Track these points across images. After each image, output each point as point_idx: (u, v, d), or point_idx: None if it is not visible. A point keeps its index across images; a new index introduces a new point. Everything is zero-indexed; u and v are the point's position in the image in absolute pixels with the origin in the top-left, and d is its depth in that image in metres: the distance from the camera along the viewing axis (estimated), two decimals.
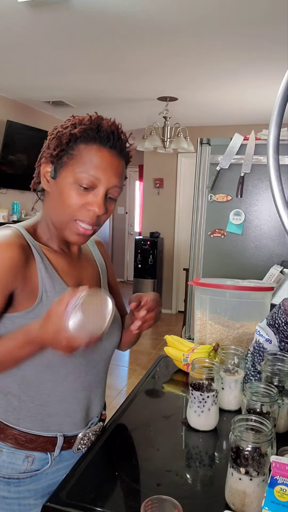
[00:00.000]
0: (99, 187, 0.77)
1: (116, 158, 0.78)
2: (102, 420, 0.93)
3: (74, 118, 0.81)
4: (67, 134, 0.77)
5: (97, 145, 0.76)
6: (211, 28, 2.38)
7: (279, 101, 0.55)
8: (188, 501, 0.63)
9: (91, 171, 0.76)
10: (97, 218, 0.79)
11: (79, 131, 0.77)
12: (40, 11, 2.23)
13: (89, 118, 0.79)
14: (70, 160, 0.77)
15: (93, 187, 0.77)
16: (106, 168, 0.77)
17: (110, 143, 0.77)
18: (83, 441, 0.86)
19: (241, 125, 4.62)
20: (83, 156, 0.76)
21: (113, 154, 0.78)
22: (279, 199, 0.56)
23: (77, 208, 0.77)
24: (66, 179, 0.77)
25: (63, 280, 0.83)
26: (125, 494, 0.68)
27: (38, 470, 0.82)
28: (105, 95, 3.95)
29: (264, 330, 0.99)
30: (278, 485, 0.55)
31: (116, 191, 0.80)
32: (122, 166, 0.80)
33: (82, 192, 0.76)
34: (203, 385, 0.84)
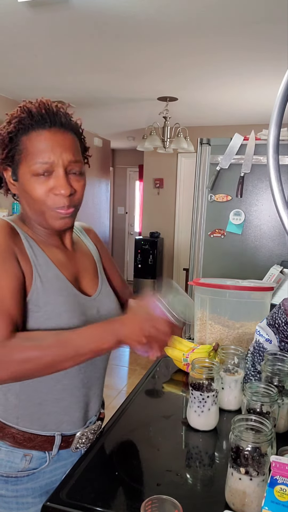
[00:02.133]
0: (56, 169, 0.75)
1: (60, 133, 0.76)
2: (100, 419, 0.92)
3: (7, 115, 0.80)
4: (6, 133, 0.77)
5: (36, 130, 0.75)
6: (211, 28, 2.38)
7: (279, 101, 0.55)
8: (188, 501, 0.63)
9: (41, 158, 0.74)
10: (70, 198, 0.77)
11: (14, 126, 0.76)
12: (40, 11, 2.23)
13: (18, 109, 0.78)
14: (20, 155, 0.76)
15: (51, 172, 0.75)
16: (53, 148, 0.75)
17: (48, 123, 0.75)
18: (82, 440, 0.86)
19: (241, 125, 4.62)
20: (28, 147, 0.75)
21: (55, 131, 0.76)
22: (279, 199, 0.56)
23: (45, 197, 0.76)
24: (24, 176, 0.76)
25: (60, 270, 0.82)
26: (125, 494, 0.68)
27: (36, 469, 0.82)
28: (105, 95, 3.94)
29: (264, 330, 0.99)
30: (278, 485, 0.55)
31: (76, 165, 0.78)
32: (70, 139, 0.78)
33: (43, 181, 0.75)
34: (203, 385, 0.84)
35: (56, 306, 0.77)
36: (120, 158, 7.31)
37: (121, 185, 7.38)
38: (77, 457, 0.85)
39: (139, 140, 4.55)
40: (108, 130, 5.55)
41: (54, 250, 0.84)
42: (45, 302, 0.77)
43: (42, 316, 0.76)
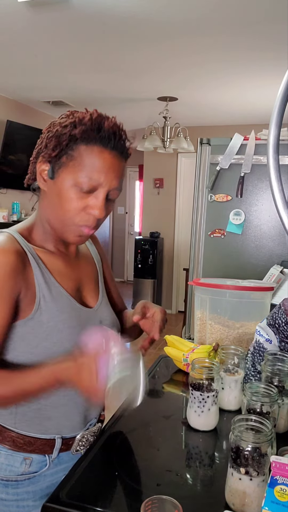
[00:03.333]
0: (100, 190, 0.74)
1: (118, 159, 0.76)
2: (100, 421, 0.92)
3: (73, 115, 0.77)
4: (67, 135, 0.73)
5: (98, 146, 0.73)
6: (211, 28, 2.38)
7: (279, 101, 0.55)
8: (188, 501, 0.63)
9: (94, 175, 0.73)
10: (97, 221, 0.77)
11: (80, 132, 0.73)
12: (40, 11, 2.23)
13: (90, 118, 0.75)
14: (70, 161, 0.73)
15: (94, 190, 0.74)
16: (108, 171, 0.74)
17: (111, 144, 0.74)
18: (82, 442, 0.85)
19: (241, 125, 4.62)
20: (84, 158, 0.73)
21: (115, 155, 0.75)
22: (279, 199, 0.56)
23: (78, 212, 0.75)
24: (65, 181, 0.74)
25: (60, 283, 0.81)
26: (125, 494, 0.68)
27: (36, 472, 0.81)
28: (105, 95, 3.95)
29: (264, 330, 0.99)
30: (278, 485, 0.55)
31: (116, 193, 0.78)
32: (123, 167, 0.78)
33: (82, 195, 0.74)
34: (203, 385, 0.84)
35: (58, 323, 0.77)
36: None
37: None
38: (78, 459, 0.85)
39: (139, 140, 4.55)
40: None
41: (58, 260, 0.83)
42: (48, 319, 0.76)
43: (44, 332, 0.76)
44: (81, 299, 0.85)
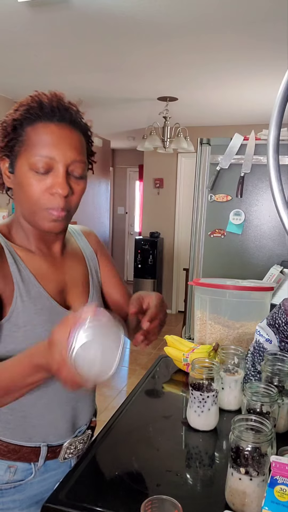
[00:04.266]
0: (57, 166, 0.69)
1: (68, 130, 0.71)
2: (91, 427, 0.88)
3: (16, 103, 0.75)
4: (10, 120, 0.71)
5: (43, 122, 0.70)
6: (211, 28, 2.37)
7: (279, 101, 0.55)
8: (188, 501, 0.63)
9: (43, 152, 0.68)
10: (65, 200, 0.71)
11: (21, 114, 0.70)
12: (39, 11, 2.23)
13: (28, 98, 0.73)
14: (22, 147, 0.70)
15: (50, 169, 0.69)
16: (58, 144, 0.69)
17: (57, 117, 0.70)
18: (70, 450, 0.82)
19: (241, 125, 4.62)
20: (32, 139, 0.69)
21: (63, 127, 0.70)
22: (279, 199, 0.56)
23: (41, 195, 0.70)
24: (22, 168, 0.70)
25: (41, 284, 0.76)
26: (125, 494, 0.68)
27: (22, 481, 0.78)
28: (105, 95, 3.94)
29: (264, 330, 0.99)
30: (278, 485, 0.55)
31: (78, 166, 0.72)
32: (78, 138, 0.72)
33: (41, 177, 0.69)
34: (203, 385, 0.84)
35: (35, 326, 0.72)
36: (120, 158, 7.31)
37: (121, 185, 7.38)
38: (67, 467, 0.83)
39: (139, 140, 4.55)
40: (108, 130, 5.55)
41: (39, 260, 0.78)
42: (24, 322, 0.72)
43: (21, 336, 0.71)
44: (65, 303, 0.80)
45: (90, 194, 5.30)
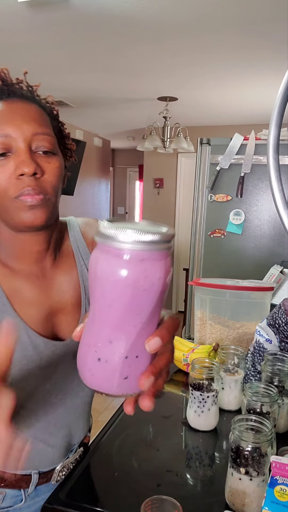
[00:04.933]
0: (16, 144, 0.59)
1: (21, 104, 0.62)
2: (84, 444, 0.81)
3: None
4: None
5: None
6: (211, 28, 2.37)
7: (279, 101, 0.55)
8: (188, 501, 0.63)
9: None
10: (36, 180, 0.59)
11: None
12: (39, 10, 2.23)
13: None
14: None
15: (9, 149, 0.59)
16: (11, 118, 0.59)
17: (5, 94, 0.62)
18: (62, 472, 0.76)
19: (241, 125, 4.62)
20: None
21: (13, 102, 0.62)
22: (279, 199, 0.56)
23: (7, 183, 0.59)
24: None
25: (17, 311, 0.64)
26: (125, 495, 0.68)
27: (11, 507, 0.72)
28: (105, 95, 3.94)
29: (264, 330, 0.99)
30: (278, 485, 0.55)
31: (44, 139, 0.61)
32: (34, 110, 0.63)
33: (2, 162, 0.59)
34: (203, 385, 0.84)
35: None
36: (120, 158, 7.31)
37: (121, 185, 7.38)
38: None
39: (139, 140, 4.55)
40: (108, 130, 5.55)
41: (19, 279, 0.66)
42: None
43: None
44: (52, 330, 0.69)
45: (90, 194, 5.30)
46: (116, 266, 0.33)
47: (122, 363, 0.35)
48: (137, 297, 0.33)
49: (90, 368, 0.37)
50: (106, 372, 0.36)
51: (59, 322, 0.70)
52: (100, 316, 0.35)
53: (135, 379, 0.36)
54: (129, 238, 0.32)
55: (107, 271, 0.33)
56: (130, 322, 0.34)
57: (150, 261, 0.33)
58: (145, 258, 0.33)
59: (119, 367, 0.35)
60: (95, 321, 0.36)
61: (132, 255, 0.33)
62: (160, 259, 0.34)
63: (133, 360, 0.36)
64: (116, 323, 0.35)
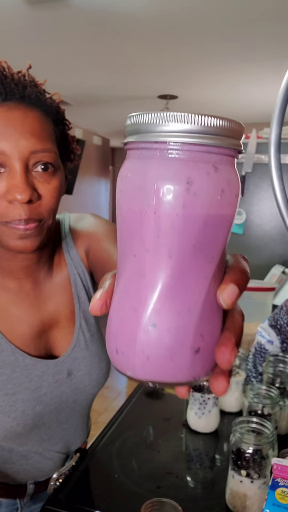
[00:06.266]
0: (11, 163, 0.50)
1: (20, 111, 0.52)
2: (80, 449, 0.78)
3: None
4: None
5: None
6: (212, 27, 2.37)
7: (281, 99, 0.55)
8: (188, 503, 0.63)
9: None
10: (29, 208, 0.51)
11: None
12: (39, 8, 2.22)
13: None
14: None
15: (3, 166, 0.51)
16: (6, 132, 0.50)
17: (2, 95, 0.52)
18: (58, 481, 0.73)
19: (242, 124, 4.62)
20: None
21: (13, 107, 0.51)
22: (280, 198, 0.55)
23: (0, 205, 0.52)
24: None
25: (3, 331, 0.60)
26: (125, 497, 0.67)
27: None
28: (105, 94, 3.94)
29: (265, 331, 0.99)
30: (279, 488, 0.54)
31: (43, 156, 0.52)
32: (34, 118, 0.53)
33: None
34: (204, 386, 0.84)
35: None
36: (119, 157, 7.31)
37: None
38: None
39: None
40: (107, 129, 5.55)
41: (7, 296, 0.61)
42: None
43: None
44: (46, 347, 0.66)
45: (90, 193, 5.29)
46: (178, 174, 0.21)
47: (194, 330, 0.23)
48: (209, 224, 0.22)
49: (142, 349, 0.23)
50: (169, 346, 0.23)
51: (53, 338, 0.66)
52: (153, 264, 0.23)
53: (209, 353, 0.24)
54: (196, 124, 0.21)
55: (162, 184, 0.22)
56: (200, 267, 0.23)
57: (226, 166, 0.22)
58: (219, 160, 0.22)
59: (190, 336, 0.23)
60: (143, 273, 0.23)
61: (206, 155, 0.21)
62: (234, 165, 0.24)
63: (206, 325, 0.24)
64: (180, 269, 0.23)
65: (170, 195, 0.21)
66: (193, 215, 0.22)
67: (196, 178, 0.21)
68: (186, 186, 0.21)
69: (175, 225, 0.22)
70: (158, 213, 0.22)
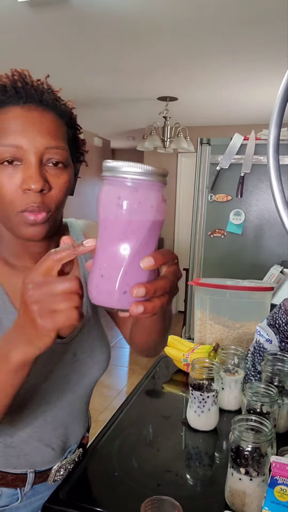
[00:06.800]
0: (26, 157, 0.57)
1: (37, 112, 0.59)
2: (82, 445, 0.82)
3: None
4: None
5: (7, 107, 0.59)
6: (211, 28, 2.37)
7: (279, 101, 0.55)
8: (188, 501, 0.63)
9: (8, 140, 0.57)
10: (42, 197, 0.59)
11: None
12: (39, 11, 2.23)
13: None
14: None
15: (20, 161, 0.58)
16: (25, 129, 0.57)
17: (23, 98, 0.59)
18: (59, 473, 0.76)
19: (241, 125, 4.62)
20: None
21: (32, 109, 0.59)
22: (279, 199, 0.56)
23: (13, 195, 0.58)
24: None
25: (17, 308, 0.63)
26: (125, 494, 0.68)
27: (7, 506, 0.73)
28: (105, 95, 3.94)
29: (264, 330, 0.99)
30: (278, 485, 0.55)
31: (55, 154, 0.59)
32: (50, 119, 0.60)
33: (10, 173, 0.58)
34: (203, 385, 0.84)
35: None
36: (120, 158, 7.31)
37: None
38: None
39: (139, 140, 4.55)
40: (108, 130, 5.55)
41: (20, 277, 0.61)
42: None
43: None
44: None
45: (90, 194, 5.30)
46: (116, 192, 0.39)
47: (121, 278, 0.40)
48: (132, 221, 0.39)
49: (96, 285, 0.42)
50: (108, 287, 0.41)
51: None
52: (104, 239, 0.41)
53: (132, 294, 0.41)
54: (127, 169, 0.39)
55: (108, 197, 0.40)
56: (127, 243, 0.40)
57: (143, 189, 0.39)
58: (138, 185, 0.39)
59: (119, 282, 0.40)
60: (100, 245, 0.42)
61: (128, 183, 0.39)
62: (152, 189, 0.40)
63: (131, 278, 0.41)
64: (116, 243, 0.40)
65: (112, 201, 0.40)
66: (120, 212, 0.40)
67: (126, 194, 0.39)
68: (117, 201, 0.39)
69: (112, 216, 0.40)
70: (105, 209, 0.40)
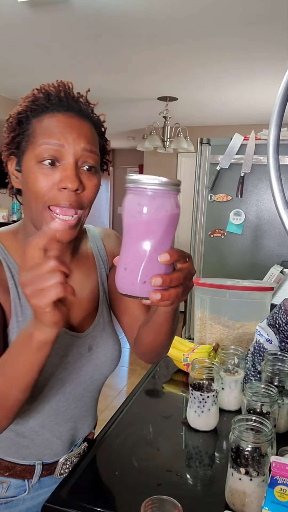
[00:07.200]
0: (66, 157, 0.62)
1: (77, 119, 0.65)
2: (88, 439, 0.84)
3: (22, 98, 0.70)
4: (15, 113, 0.67)
5: (50, 112, 0.65)
6: (211, 28, 2.38)
7: (279, 101, 0.55)
8: (188, 501, 0.63)
9: (50, 139, 0.62)
10: (77, 197, 0.63)
11: (26, 106, 0.66)
12: (40, 11, 2.23)
13: (34, 90, 0.69)
14: (27, 142, 0.64)
15: (58, 159, 0.62)
16: (66, 131, 0.63)
17: (64, 107, 0.65)
18: (65, 465, 0.78)
19: (241, 125, 4.62)
20: (38, 130, 0.64)
21: (70, 116, 0.65)
22: (279, 199, 0.56)
23: (47, 191, 0.62)
24: (28, 163, 0.64)
25: None
26: (125, 494, 0.68)
27: (14, 497, 0.75)
28: (105, 95, 3.94)
29: (264, 330, 0.99)
30: (278, 485, 0.55)
31: (90, 157, 0.64)
32: (87, 127, 0.66)
33: (48, 171, 0.62)
34: (203, 385, 0.84)
35: None
36: (120, 158, 7.31)
37: (121, 185, 7.37)
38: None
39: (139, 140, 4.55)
40: (108, 130, 5.50)
41: None
42: None
43: None
44: (69, 322, 0.74)
45: None
46: (137, 200, 0.47)
47: (142, 271, 0.47)
48: (150, 223, 0.47)
49: (121, 277, 0.49)
50: (131, 278, 0.48)
51: (76, 316, 0.75)
52: (127, 238, 0.48)
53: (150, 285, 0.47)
54: (146, 180, 0.47)
55: (131, 204, 0.47)
56: (147, 241, 0.47)
57: (159, 197, 0.48)
58: (155, 194, 0.47)
59: (140, 274, 0.47)
60: (124, 243, 0.49)
61: (148, 192, 0.47)
62: (167, 197, 0.48)
63: (150, 270, 0.47)
64: (137, 242, 0.47)
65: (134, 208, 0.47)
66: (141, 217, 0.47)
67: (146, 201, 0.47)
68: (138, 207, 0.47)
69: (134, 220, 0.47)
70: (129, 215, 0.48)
